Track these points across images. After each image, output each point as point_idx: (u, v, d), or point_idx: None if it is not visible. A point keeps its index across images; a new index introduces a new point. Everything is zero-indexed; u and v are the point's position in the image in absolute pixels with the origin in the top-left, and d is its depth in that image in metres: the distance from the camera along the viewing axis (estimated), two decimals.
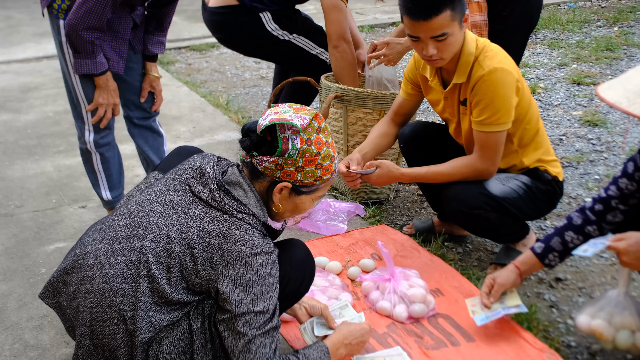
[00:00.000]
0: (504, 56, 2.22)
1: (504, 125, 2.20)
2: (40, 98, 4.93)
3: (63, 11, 2.41)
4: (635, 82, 1.51)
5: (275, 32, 3.27)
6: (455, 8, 2.10)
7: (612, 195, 1.92)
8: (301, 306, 1.97)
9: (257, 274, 1.58)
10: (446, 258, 2.56)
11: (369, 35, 6.68)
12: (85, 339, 1.64)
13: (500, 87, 2.16)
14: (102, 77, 2.48)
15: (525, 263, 2.05)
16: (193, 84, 5.26)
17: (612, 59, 5.21)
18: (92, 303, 1.62)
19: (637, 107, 1.45)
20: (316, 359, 1.68)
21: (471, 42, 2.23)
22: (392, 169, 2.36)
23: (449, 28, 2.10)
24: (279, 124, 1.63)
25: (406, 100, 2.55)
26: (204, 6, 3.42)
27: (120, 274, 1.61)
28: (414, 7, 2.08)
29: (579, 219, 1.97)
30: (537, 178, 2.34)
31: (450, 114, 2.39)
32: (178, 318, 1.65)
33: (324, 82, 3.03)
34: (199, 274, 1.59)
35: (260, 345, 1.56)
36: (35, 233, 2.88)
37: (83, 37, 2.33)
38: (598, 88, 1.57)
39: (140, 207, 1.69)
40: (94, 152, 2.65)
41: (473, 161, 2.27)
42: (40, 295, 1.76)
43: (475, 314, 2.05)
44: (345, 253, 2.61)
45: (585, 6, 7.45)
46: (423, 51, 2.17)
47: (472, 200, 2.24)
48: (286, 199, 1.72)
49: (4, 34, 7.16)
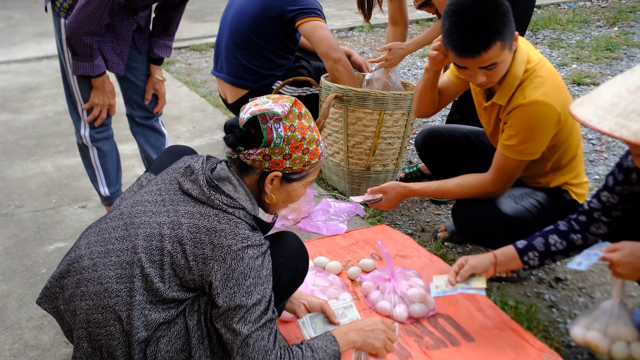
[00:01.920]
0: (551, 87, 2.09)
1: (529, 156, 2.14)
2: (40, 98, 4.93)
3: (65, 10, 2.43)
4: (606, 98, 1.51)
5: (288, 94, 3.29)
6: (506, 38, 1.97)
7: (595, 207, 1.93)
8: (300, 303, 1.98)
9: (249, 266, 1.58)
10: (446, 258, 2.56)
11: (369, 35, 6.68)
12: (83, 341, 1.64)
13: (535, 121, 2.07)
14: (98, 78, 2.51)
15: (504, 254, 2.01)
16: (193, 84, 5.26)
17: (612, 59, 5.22)
18: (88, 305, 1.62)
19: (606, 123, 1.46)
20: (321, 347, 1.65)
21: (520, 64, 2.11)
22: (398, 189, 2.36)
23: (499, 58, 1.99)
24: (260, 115, 1.63)
25: (453, 84, 2.42)
26: (225, 102, 3.55)
27: (115, 274, 1.62)
28: (460, 45, 1.96)
29: (564, 226, 1.98)
30: (555, 198, 2.29)
31: (487, 123, 2.35)
32: (174, 316, 1.65)
33: (324, 82, 3.04)
34: (191, 270, 1.60)
35: (258, 339, 1.56)
36: (35, 233, 2.88)
37: (83, 41, 2.35)
38: (571, 105, 1.58)
39: (133, 208, 1.70)
40: (90, 146, 2.67)
41: (484, 182, 2.24)
42: (38, 301, 1.77)
43: (438, 288, 2.02)
44: (345, 253, 2.62)
45: (585, 6, 7.45)
46: (471, 78, 2.08)
47: (481, 220, 2.22)
48: (278, 188, 1.73)
49: (4, 34, 7.17)
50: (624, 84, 1.52)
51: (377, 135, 2.94)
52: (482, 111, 2.35)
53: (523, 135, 2.11)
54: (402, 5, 3.37)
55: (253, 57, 3.22)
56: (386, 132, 2.95)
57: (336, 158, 3.11)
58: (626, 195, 1.87)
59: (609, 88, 1.55)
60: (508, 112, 2.14)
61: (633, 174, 1.83)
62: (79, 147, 2.72)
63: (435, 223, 2.91)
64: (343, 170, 3.10)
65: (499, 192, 2.24)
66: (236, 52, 3.25)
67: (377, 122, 2.91)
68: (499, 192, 2.24)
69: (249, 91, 3.29)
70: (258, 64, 3.24)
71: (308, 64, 3.38)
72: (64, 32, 2.45)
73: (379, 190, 2.39)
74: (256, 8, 3.15)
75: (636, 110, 1.44)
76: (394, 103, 2.88)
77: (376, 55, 5.68)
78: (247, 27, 3.18)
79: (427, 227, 2.87)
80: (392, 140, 2.98)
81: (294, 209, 2.86)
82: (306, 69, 3.34)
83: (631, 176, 1.84)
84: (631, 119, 1.44)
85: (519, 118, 2.10)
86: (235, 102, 3.39)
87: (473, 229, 2.24)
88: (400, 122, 2.95)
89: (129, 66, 2.65)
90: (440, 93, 2.45)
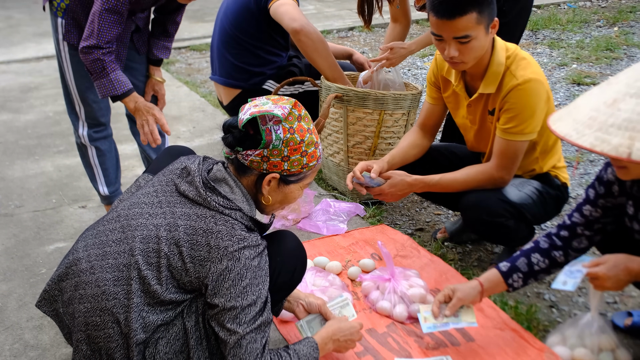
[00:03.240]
0: (536, 66, 2.19)
1: (529, 135, 2.18)
2: (40, 98, 4.93)
3: (62, 10, 2.43)
4: (584, 113, 1.51)
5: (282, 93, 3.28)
6: (483, 12, 2.06)
7: (577, 222, 1.92)
8: (299, 303, 1.98)
9: (246, 267, 1.59)
10: (446, 258, 2.56)
11: (369, 35, 6.68)
12: (82, 344, 1.64)
13: (532, 98, 2.14)
14: (129, 98, 2.43)
15: (489, 281, 1.97)
16: (193, 84, 5.26)
17: (612, 59, 5.22)
18: (86, 308, 1.62)
19: (586, 139, 1.46)
20: (306, 354, 1.69)
21: (501, 51, 2.20)
22: (404, 176, 2.33)
23: (473, 31, 2.07)
24: (260, 116, 1.63)
25: (432, 106, 2.51)
26: (222, 105, 3.55)
27: (112, 277, 1.62)
28: (439, 5, 2.05)
29: (545, 243, 1.96)
30: (547, 183, 2.34)
31: (471, 121, 2.36)
32: (172, 318, 1.65)
33: (324, 82, 3.04)
34: (188, 272, 1.60)
35: (250, 341, 1.57)
36: (35, 233, 2.88)
37: (89, 57, 2.32)
38: (550, 119, 1.58)
39: (129, 210, 1.70)
40: (89, 145, 2.67)
41: (489, 169, 2.25)
42: (37, 304, 1.77)
43: (427, 321, 1.96)
44: (345, 253, 2.62)
45: (585, 6, 7.45)
46: (445, 52, 2.14)
47: (493, 208, 2.21)
48: (275, 190, 1.73)
49: (4, 34, 7.16)
50: (601, 97, 1.50)
51: (377, 135, 2.94)
52: (465, 112, 2.36)
53: (523, 114, 2.15)
54: (405, 5, 3.36)
55: (241, 54, 3.22)
56: (386, 132, 2.95)
57: (336, 158, 3.11)
58: (609, 207, 1.86)
59: (586, 102, 1.54)
60: (503, 97, 2.18)
61: (614, 186, 1.83)
62: (77, 146, 2.73)
63: (435, 223, 2.91)
64: (343, 170, 3.10)
65: (504, 179, 2.25)
66: (225, 52, 3.26)
67: (377, 122, 2.91)
68: (504, 178, 2.25)
69: (241, 91, 3.29)
70: (246, 61, 3.24)
71: (299, 60, 3.37)
72: (61, 32, 2.45)
73: (387, 175, 2.34)
74: (238, 3, 3.17)
75: (615, 123, 1.43)
76: (394, 103, 2.88)
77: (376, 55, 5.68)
78: (232, 24, 3.20)
79: (427, 227, 2.87)
80: (392, 140, 2.98)
81: (293, 210, 2.86)
82: (297, 66, 3.33)
83: (612, 188, 1.83)
84: (610, 132, 1.43)
85: (517, 97, 2.15)
86: (229, 103, 3.39)
87: (486, 218, 2.21)
88: (400, 122, 2.95)
89: (128, 67, 2.65)
90: (429, 124, 2.54)
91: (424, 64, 5.53)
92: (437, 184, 2.30)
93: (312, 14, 7.67)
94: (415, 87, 3.08)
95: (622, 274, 1.70)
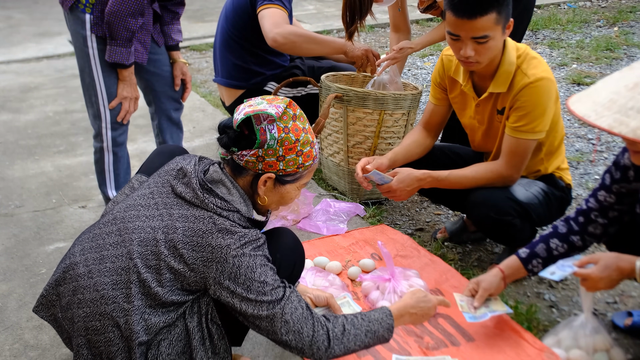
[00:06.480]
0: (546, 65, 2.20)
1: (539, 134, 2.19)
2: (40, 98, 4.93)
3: (90, 5, 2.48)
4: (604, 95, 1.52)
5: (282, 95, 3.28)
6: (502, 12, 2.05)
7: (592, 207, 1.93)
8: (306, 297, 1.99)
9: (253, 259, 1.59)
10: (446, 258, 2.56)
11: (369, 35, 6.67)
12: (83, 348, 1.63)
13: (543, 96, 2.15)
14: (127, 69, 2.57)
15: (509, 267, 2.02)
16: (193, 84, 5.26)
17: (612, 59, 5.22)
18: (86, 312, 1.62)
19: (605, 120, 1.47)
20: (377, 319, 1.68)
21: (512, 51, 2.19)
22: (411, 171, 2.30)
23: (492, 31, 2.05)
24: (254, 116, 1.63)
25: (436, 106, 2.51)
26: (225, 106, 3.56)
27: (110, 280, 1.61)
28: (459, 4, 2.02)
29: (564, 227, 1.98)
30: (552, 184, 2.34)
31: (479, 121, 2.36)
32: (174, 319, 1.65)
33: (324, 82, 3.04)
34: (191, 273, 1.60)
35: (292, 312, 1.58)
36: (35, 233, 2.88)
37: (126, 24, 2.42)
38: (569, 101, 1.58)
39: (126, 213, 1.69)
40: (109, 151, 2.70)
41: (498, 167, 2.26)
42: (35, 309, 1.75)
43: (464, 310, 2.04)
44: (345, 253, 2.62)
45: (585, 6, 7.45)
46: (461, 51, 2.12)
47: (501, 206, 2.21)
48: (271, 190, 1.72)
49: (4, 34, 7.16)
50: (621, 81, 1.52)
51: (377, 135, 2.94)
52: (473, 112, 2.36)
53: (534, 112, 2.16)
54: (405, 11, 3.40)
55: (240, 54, 3.23)
56: (386, 132, 2.95)
57: (336, 158, 3.11)
58: (624, 193, 1.87)
59: (606, 85, 1.55)
60: (514, 95, 2.18)
61: (630, 171, 1.83)
62: (95, 150, 2.73)
63: (435, 223, 2.91)
64: (343, 170, 3.10)
65: (513, 177, 2.25)
66: (226, 52, 3.27)
67: (377, 122, 2.91)
68: (513, 176, 2.25)
69: (244, 91, 3.29)
70: (246, 61, 3.24)
71: (302, 62, 3.37)
72: (88, 28, 2.49)
73: (394, 171, 2.32)
74: (235, 4, 3.19)
75: (635, 107, 1.44)
76: (394, 103, 2.88)
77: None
78: (231, 24, 3.22)
79: (427, 227, 2.87)
80: (392, 141, 2.98)
81: (293, 210, 2.87)
82: (299, 68, 3.33)
83: (628, 174, 1.84)
84: (630, 115, 1.44)
85: (529, 95, 2.15)
86: (231, 104, 3.39)
87: (494, 215, 2.21)
88: (400, 122, 2.95)
89: (151, 60, 2.73)
90: (432, 123, 2.54)
91: (424, 64, 5.53)
92: (445, 179, 2.28)
93: (312, 14, 7.67)
94: (415, 87, 3.08)
95: (615, 274, 1.72)
